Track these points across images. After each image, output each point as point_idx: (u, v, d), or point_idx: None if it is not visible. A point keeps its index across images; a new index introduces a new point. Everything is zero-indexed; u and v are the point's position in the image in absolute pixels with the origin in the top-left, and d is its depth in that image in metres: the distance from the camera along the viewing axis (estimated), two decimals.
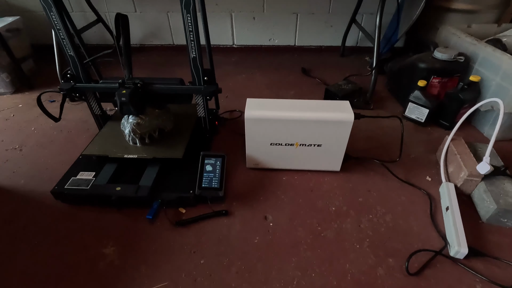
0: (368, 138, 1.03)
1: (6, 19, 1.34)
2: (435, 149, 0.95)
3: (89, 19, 1.47)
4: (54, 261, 0.66)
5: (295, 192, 0.83)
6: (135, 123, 0.82)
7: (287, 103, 0.80)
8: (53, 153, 0.98)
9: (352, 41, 1.70)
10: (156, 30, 1.68)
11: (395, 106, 1.21)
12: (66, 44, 0.80)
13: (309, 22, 1.63)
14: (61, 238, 0.71)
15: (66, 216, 0.76)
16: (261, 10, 1.59)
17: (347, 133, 0.78)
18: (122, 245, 0.69)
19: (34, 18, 1.62)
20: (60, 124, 1.09)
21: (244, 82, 1.42)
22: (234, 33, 1.68)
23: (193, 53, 0.77)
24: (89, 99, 0.91)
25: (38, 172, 0.90)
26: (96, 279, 0.63)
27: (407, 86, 1.09)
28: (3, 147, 1.00)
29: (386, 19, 1.33)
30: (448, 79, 1.04)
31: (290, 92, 1.33)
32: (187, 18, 0.72)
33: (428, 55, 1.08)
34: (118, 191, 0.74)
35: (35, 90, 1.34)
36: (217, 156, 0.81)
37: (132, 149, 0.84)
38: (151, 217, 0.73)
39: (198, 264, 0.65)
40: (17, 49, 1.32)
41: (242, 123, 0.79)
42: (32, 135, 1.06)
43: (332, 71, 1.49)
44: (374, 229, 0.73)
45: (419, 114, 1.06)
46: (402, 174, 0.87)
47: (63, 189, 0.77)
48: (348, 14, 1.52)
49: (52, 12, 0.74)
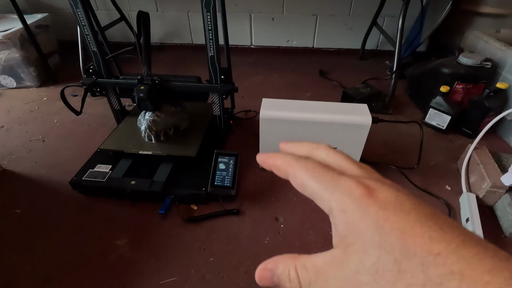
0: (385, 143, 1.00)
1: (35, 16, 1.40)
2: (456, 158, 0.92)
3: (113, 17, 1.52)
4: (69, 249, 0.68)
5: None
6: (151, 120, 0.84)
7: (303, 104, 0.79)
8: (73, 145, 1.01)
9: (372, 44, 1.67)
10: (176, 29, 1.71)
11: (415, 112, 1.18)
12: (90, 40, 0.83)
13: (329, 24, 1.61)
14: (76, 228, 0.73)
15: (82, 207, 0.79)
16: (280, 11, 1.59)
17: (364, 137, 0.76)
18: (134, 238, 0.71)
19: (62, 15, 1.69)
20: (80, 118, 1.12)
21: (261, 82, 1.42)
22: (253, 33, 1.69)
23: (211, 52, 0.78)
24: (109, 94, 0.93)
25: (58, 163, 0.93)
26: (108, 269, 0.64)
27: (429, 92, 1.06)
28: (27, 137, 1.05)
29: (408, 22, 1.30)
30: (473, 85, 1.00)
31: (306, 94, 1.32)
32: (207, 17, 0.73)
33: (452, 60, 1.04)
34: (133, 184, 0.76)
35: (60, 84, 1.39)
36: (231, 154, 0.81)
37: (147, 145, 0.86)
38: (163, 211, 0.74)
39: (207, 261, 0.66)
40: (45, 45, 1.37)
41: (257, 123, 0.79)
42: (55, 127, 1.10)
43: (350, 74, 1.46)
44: None
45: (440, 121, 1.02)
46: (420, 182, 0.85)
47: (80, 180, 0.79)
48: (369, 16, 1.50)
49: (78, 9, 0.77)
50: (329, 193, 0.15)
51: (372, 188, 0.15)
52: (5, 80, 1.34)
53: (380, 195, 0.14)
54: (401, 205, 0.14)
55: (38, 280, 0.63)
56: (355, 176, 0.16)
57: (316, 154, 0.19)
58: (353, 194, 0.15)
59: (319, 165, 0.17)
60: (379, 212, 0.13)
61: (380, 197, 0.14)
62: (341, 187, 0.15)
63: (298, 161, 0.18)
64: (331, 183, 0.16)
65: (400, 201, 0.14)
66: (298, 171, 0.17)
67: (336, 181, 0.16)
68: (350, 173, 0.17)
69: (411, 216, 0.13)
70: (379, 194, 0.14)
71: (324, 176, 0.16)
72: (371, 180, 0.15)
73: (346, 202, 0.14)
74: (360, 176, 0.16)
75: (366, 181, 0.15)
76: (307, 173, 0.17)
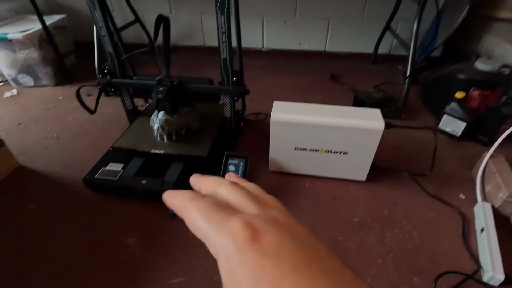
0: (397, 149, 0.98)
1: (54, 17, 1.44)
2: (471, 166, 0.89)
3: (127, 19, 1.55)
4: (80, 246, 0.70)
5: (317, 199, 0.81)
6: (164, 119, 0.85)
7: (315, 108, 0.79)
8: (86, 143, 1.03)
9: (385, 49, 1.65)
10: (189, 31, 1.74)
11: (428, 118, 1.16)
12: (106, 41, 0.84)
13: (341, 28, 1.61)
14: (88, 225, 0.75)
15: (94, 204, 0.80)
16: (292, 15, 1.59)
17: (376, 142, 0.75)
18: (143, 237, 0.71)
19: (79, 16, 1.73)
20: (94, 117, 1.14)
21: (271, 85, 1.42)
22: (264, 36, 1.69)
23: (224, 54, 0.79)
24: (123, 94, 0.95)
25: (72, 161, 0.95)
26: (117, 267, 0.65)
27: (443, 98, 1.04)
28: (43, 135, 1.08)
29: (423, 26, 1.28)
30: (490, 91, 0.98)
31: (317, 97, 1.31)
32: (221, 20, 0.73)
33: (468, 65, 1.02)
34: (144, 184, 0.77)
35: (75, 84, 1.43)
36: (241, 156, 0.81)
37: (159, 144, 0.87)
38: (172, 212, 0.74)
39: (215, 262, 0.64)
40: (62, 45, 1.41)
41: (267, 126, 0.79)
42: (69, 126, 1.13)
43: (362, 78, 1.45)
44: (399, 244, 0.69)
45: (455, 128, 1.00)
46: (433, 189, 0.83)
47: (93, 178, 0.81)
48: (382, 20, 1.48)
49: (96, 10, 0.79)
50: (216, 236, 0.15)
51: (257, 231, 0.14)
52: (23, 79, 1.38)
53: (264, 238, 0.14)
54: (281, 251, 0.13)
55: (50, 275, 0.64)
56: (247, 216, 0.15)
57: (218, 190, 0.19)
58: (236, 237, 0.14)
59: (213, 205, 0.17)
60: (257, 259, 0.13)
61: (263, 241, 0.14)
62: (227, 229, 0.15)
63: (193, 201, 0.17)
64: (219, 225, 0.15)
65: (281, 246, 0.13)
66: (191, 212, 0.17)
67: (224, 223, 0.15)
68: (245, 211, 0.16)
69: (286, 263, 0.13)
70: (263, 238, 0.14)
71: (214, 217, 0.16)
72: (261, 221, 0.15)
73: (229, 247, 0.14)
74: (252, 216, 0.16)
75: (255, 222, 0.15)
76: (199, 214, 0.16)
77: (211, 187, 0.20)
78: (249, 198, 0.18)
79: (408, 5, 1.33)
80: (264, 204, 0.17)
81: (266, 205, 0.17)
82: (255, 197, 0.18)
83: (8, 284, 0.63)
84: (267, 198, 0.18)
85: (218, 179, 0.20)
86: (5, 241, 0.71)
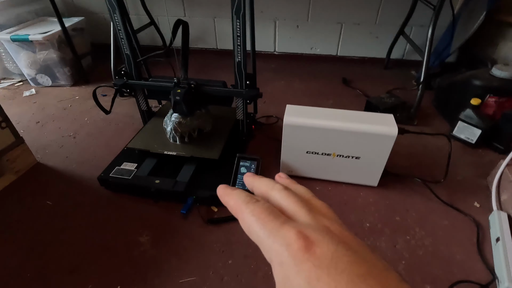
0: (410, 155, 0.97)
1: (72, 19, 1.49)
2: (486, 174, 0.88)
3: (142, 21, 1.58)
4: (95, 242, 0.71)
5: (328, 204, 0.81)
6: (177, 121, 0.86)
7: (328, 112, 0.79)
8: (101, 142, 1.06)
9: (398, 54, 1.64)
10: (202, 34, 1.76)
11: (442, 124, 1.14)
12: (124, 44, 0.87)
13: (354, 32, 1.60)
14: (102, 222, 0.76)
15: (108, 202, 0.82)
16: (305, 19, 1.60)
17: (389, 148, 0.74)
18: (156, 236, 0.73)
19: (96, 19, 1.78)
20: (109, 117, 1.17)
21: (283, 88, 1.42)
22: (276, 40, 1.70)
23: (238, 58, 0.80)
24: (138, 95, 0.97)
25: (87, 159, 0.98)
26: (130, 264, 0.66)
27: (458, 104, 1.02)
28: (60, 133, 1.11)
29: (438, 32, 1.26)
30: (507, 98, 0.96)
31: (328, 101, 1.31)
32: (236, 24, 0.75)
33: (484, 72, 1.00)
34: (157, 183, 0.78)
35: (91, 84, 1.46)
36: (253, 159, 0.82)
37: (172, 146, 0.88)
38: (185, 212, 0.75)
39: (226, 263, 0.66)
40: (79, 47, 1.45)
41: (278, 129, 0.79)
42: (85, 125, 1.16)
43: (374, 83, 1.44)
44: (411, 251, 0.68)
45: (470, 135, 0.99)
46: (446, 197, 0.82)
47: (108, 176, 0.82)
48: (395, 25, 1.47)
49: (115, 14, 0.81)
50: (270, 243, 0.16)
51: (311, 241, 0.15)
52: (42, 79, 1.42)
53: (317, 250, 0.14)
54: (336, 263, 0.14)
55: (65, 269, 0.66)
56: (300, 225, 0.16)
57: (271, 194, 0.20)
58: (291, 246, 0.15)
59: (267, 210, 0.17)
60: (313, 270, 0.14)
61: (317, 252, 0.14)
62: (281, 238, 0.15)
63: (248, 205, 0.18)
64: (273, 233, 0.16)
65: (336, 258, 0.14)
66: (245, 216, 0.18)
67: (278, 231, 0.16)
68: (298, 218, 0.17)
69: (343, 276, 0.13)
70: (316, 249, 0.14)
71: (269, 223, 0.16)
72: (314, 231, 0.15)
73: (284, 255, 0.15)
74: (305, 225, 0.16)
75: (308, 232, 0.15)
76: (253, 218, 0.17)
77: (264, 189, 0.20)
78: (302, 205, 0.18)
79: (422, 10, 1.32)
80: (316, 211, 0.18)
81: (318, 212, 0.18)
82: (307, 203, 0.19)
83: (25, 277, 0.65)
84: (318, 204, 0.19)
85: (271, 182, 0.21)
86: (22, 235, 0.73)
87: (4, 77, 1.53)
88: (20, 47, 1.32)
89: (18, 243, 0.72)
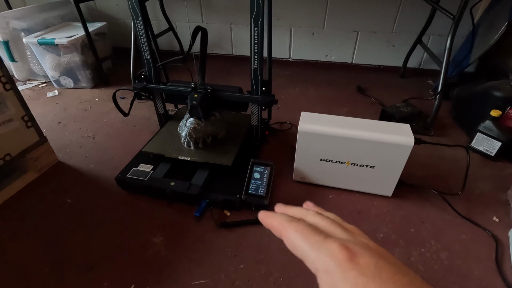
0: (426, 166, 0.96)
1: (95, 24, 1.54)
2: (506, 188, 0.85)
3: (161, 27, 1.63)
4: (111, 241, 0.73)
5: (341, 212, 0.80)
6: (192, 127, 0.87)
7: (343, 120, 0.79)
8: (119, 143, 1.09)
9: (415, 63, 1.62)
10: (218, 40, 1.79)
11: (459, 135, 1.12)
12: (145, 49, 0.90)
13: (370, 40, 1.60)
14: (118, 221, 0.78)
15: (124, 202, 0.84)
16: (321, 27, 1.61)
17: (405, 158, 0.74)
18: (169, 237, 0.74)
19: (116, 24, 1.84)
20: (127, 119, 1.21)
21: (297, 95, 1.43)
22: (292, 47, 1.71)
23: (255, 64, 0.81)
24: (156, 99, 1.00)
25: (105, 159, 1.01)
26: (143, 264, 0.68)
27: (477, 115, 1.00)
28: (80, 134, 1.15)
29: (457, 41, 1.25)
30: None
31: (343, 109, 1.31)
32: (254, 31, 0.76)
33: (505, 83, 0.98)
34: (172, 185, 0.80)
35: (110, 87, 1.51)
36: (266, 164, 0.83)
37: (186, 151, 0.90)
38: (198, 214, 0.76)
39: (237, 267, 0.67)
40: (101, 51, 1.51)
41: (291, 135, 0.80)
42: (104, 126, 1.19)
43: (390, 92, 1.43)
44: (426, 264, 0.67)
45: (489, 147, 0.96)
46: (463, 210, 0.80)
47: (125, 177, 0.85)
48: (412, 34, 1.46)
49: (138, 20, 0.84)
50: (316, 255, 0.17)
51: (354, 252, 0.16)
52: (64, 81, 1.48)
53: (361, 260, 0.15)
54: (380, 272, 0.15)
55: (81, 266, 0.68)
56: (340, 240, 0.17)
57: (308, 218, 0.21)
58: (336, 256, 0.16)
59: (309, 227, 0.19)
60: (359, 277, 0.15)
61: (361, 262, 0.15)
62: (326, 249, 0.17)
63: (291, 223, 0.20)
64: (317, 245, 0.17)
65: (380, 268, 0.15)
66: (290, 233, 0.19)
67: (322, 244, 0.17)
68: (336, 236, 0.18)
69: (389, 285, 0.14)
70: (360, 259, 0.15)
71: (312, 238, 0.18)
72: (355, 245, 0.17)
73: (330, 264, 0.16)
74: (344, 240, 0.17)
75: (350, 245, 0.16)
76: (297, 234, 0.19)
77: (298, 216, 0.22)
78: (336, 226, 0.20)
79: (441, 20, 1.31)
80: (350, 231, 0.19)
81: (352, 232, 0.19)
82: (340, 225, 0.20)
83: (43, 272, 0.67)
84: (350, 227, 0.20)
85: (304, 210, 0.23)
86: (42, 230, 0.76)
87: (29, 78, 1.60)
88: (45, 50, 1.38)
89: (39, 238, 0.74)
